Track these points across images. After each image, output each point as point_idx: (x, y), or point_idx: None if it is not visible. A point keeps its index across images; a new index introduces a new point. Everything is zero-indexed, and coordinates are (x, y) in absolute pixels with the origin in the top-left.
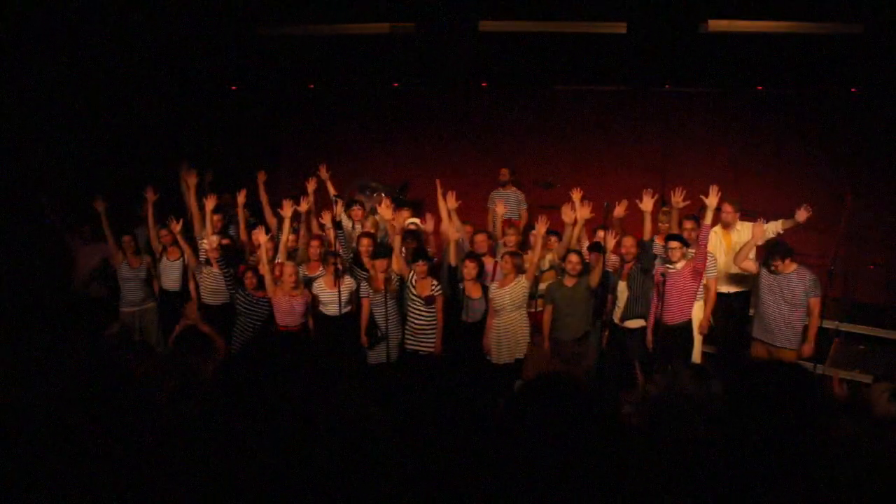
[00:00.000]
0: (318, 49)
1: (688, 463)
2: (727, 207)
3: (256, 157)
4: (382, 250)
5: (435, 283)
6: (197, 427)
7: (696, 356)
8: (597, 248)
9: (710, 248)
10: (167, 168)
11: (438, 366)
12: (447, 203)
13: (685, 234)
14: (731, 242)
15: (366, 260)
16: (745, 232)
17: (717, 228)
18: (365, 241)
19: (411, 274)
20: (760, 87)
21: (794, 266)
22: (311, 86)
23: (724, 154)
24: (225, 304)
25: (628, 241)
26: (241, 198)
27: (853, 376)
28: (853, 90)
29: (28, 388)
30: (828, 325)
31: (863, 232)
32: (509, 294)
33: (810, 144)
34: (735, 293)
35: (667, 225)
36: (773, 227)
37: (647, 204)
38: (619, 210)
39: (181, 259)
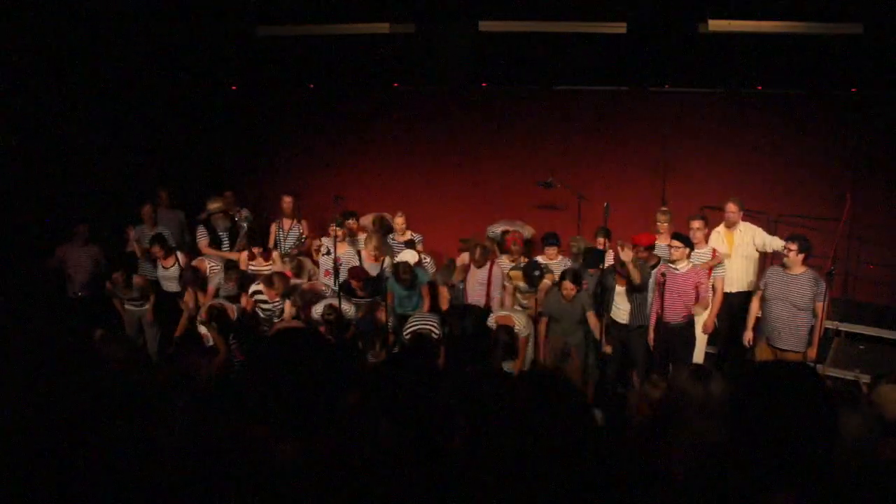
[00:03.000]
0: (318, 49)
1: (690, 463)
2: (731, 207)
3: (256, 158)
4: (373, 287)
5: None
6: (197, 427)
7: (699, 356)
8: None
9: (713, 245)
10: (167, 168)
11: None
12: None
13: (692, 234)
14: (733, 242)
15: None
16: (747, 232)
17: (721, 228)
18: (356, 283)
19: None
20: (760, 87)
21: (803, 268)
22: (311, 86)
23: (724, 154)
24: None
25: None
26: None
27: (853, 376)
28: (853, 90)
29: (24, 388)
30: (828, 325)
31: (863, 232)
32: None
33: (810, 144)
34: (736, 293)
35: (666, 224)
36: (774, 244)
37: (626, 255)
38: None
39: (176, 264)
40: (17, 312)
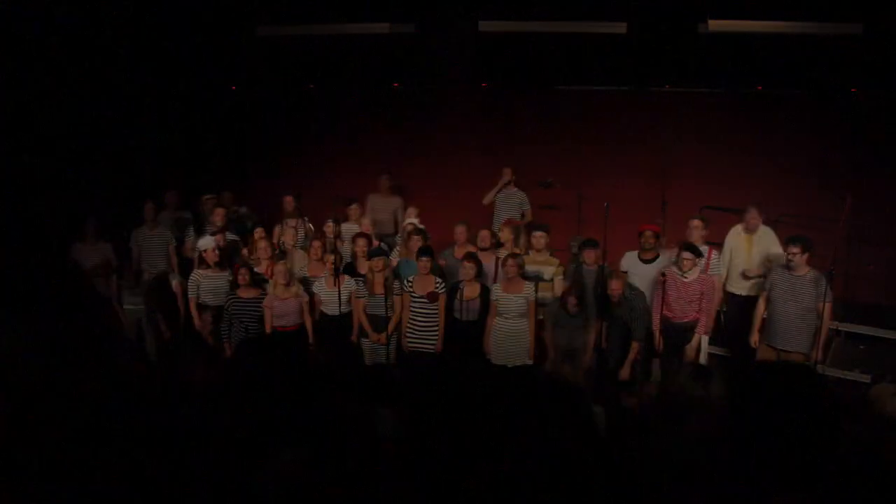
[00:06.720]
0: (318, 49)
1: (689, 463)
2: (753, 213)
3: (256, 158)
4: (378, 251)
5: (438, 280)
6: (192, 429)
7: (703, 356)
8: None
9: (731, 248)
10: (167, 168)
11: (441, 365)
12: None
13: (690, 233)
14: (752, 245)
15: (361, 262)
16: (765, 237)
17: (741, 229)
18: (361, 242)
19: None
20: (760, 87)
21: (808, 269)
22: (311, 86)
23: (724, 154)
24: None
25: (615, 284)
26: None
27: (853, 376)
28: (853, 90)
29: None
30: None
31: (863, 232)
32: (515, 302)
33: (810, 144)
34: (748, 296)
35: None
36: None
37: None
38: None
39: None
40: (19, 312)
